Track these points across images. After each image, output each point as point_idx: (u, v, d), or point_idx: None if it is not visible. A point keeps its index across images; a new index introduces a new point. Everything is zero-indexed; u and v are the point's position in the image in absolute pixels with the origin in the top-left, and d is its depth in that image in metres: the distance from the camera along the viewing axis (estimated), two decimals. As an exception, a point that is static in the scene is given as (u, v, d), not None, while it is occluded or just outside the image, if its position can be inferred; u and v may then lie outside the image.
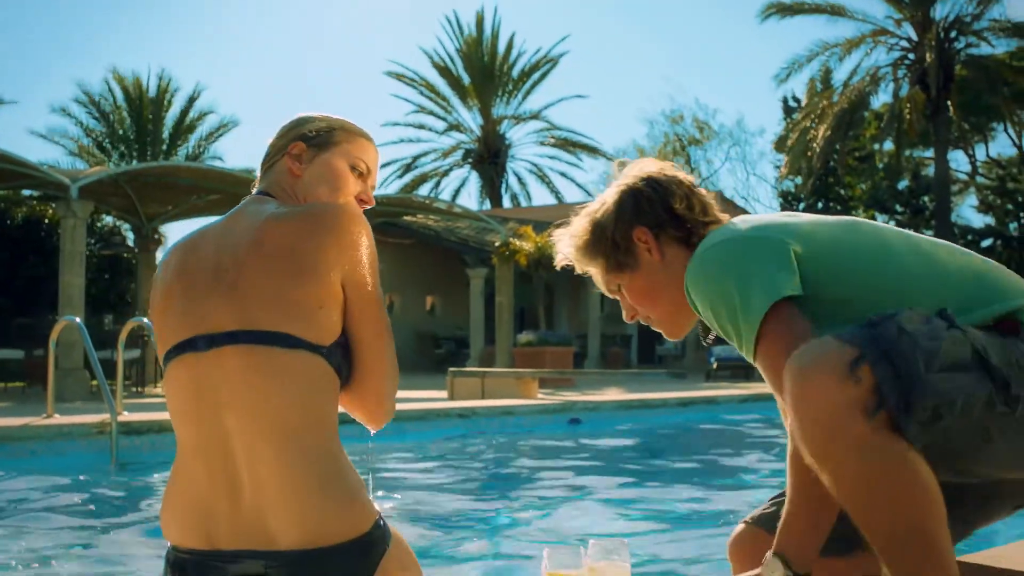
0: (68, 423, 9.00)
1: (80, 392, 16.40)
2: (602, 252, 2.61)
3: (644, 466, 8.98)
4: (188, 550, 2.34)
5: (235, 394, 2.27)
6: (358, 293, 2.34)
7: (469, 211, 28.57)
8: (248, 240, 2.34)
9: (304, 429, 2.27)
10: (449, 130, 48.76)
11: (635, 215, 2.57)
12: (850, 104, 34.75)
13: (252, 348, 2.26)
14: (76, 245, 17.20)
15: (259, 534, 2.25)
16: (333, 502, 2.25)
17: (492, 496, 7.28)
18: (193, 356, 2.32)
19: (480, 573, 4.72)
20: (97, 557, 4.94)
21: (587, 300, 30.80)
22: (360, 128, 2.65)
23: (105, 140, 34.48)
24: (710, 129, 57.53)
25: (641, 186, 2.60)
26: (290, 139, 2.56)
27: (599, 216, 2.64)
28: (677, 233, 2.56)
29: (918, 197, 41.50)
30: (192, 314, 2.34)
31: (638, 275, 2.58)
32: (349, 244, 2.32)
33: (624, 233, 2.57)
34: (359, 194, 2.59)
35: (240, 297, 2.29)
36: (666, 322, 2.63)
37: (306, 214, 2.37)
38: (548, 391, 16.90)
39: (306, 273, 2.28)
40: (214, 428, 2.30)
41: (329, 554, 2.23)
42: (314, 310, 2.28)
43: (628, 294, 2.62)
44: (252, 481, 2.25)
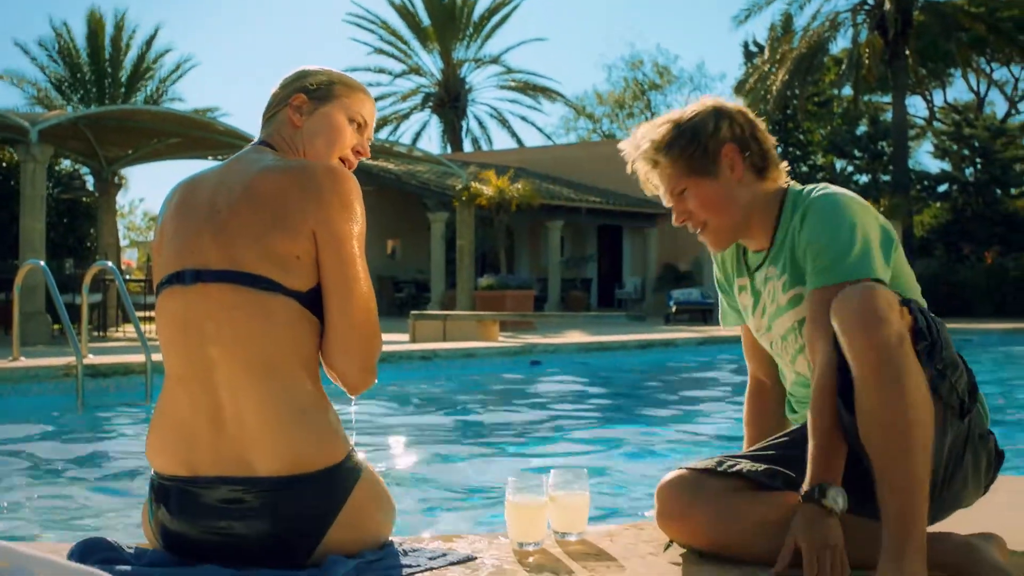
0: (34, 366, 9.08)
1: (42, 336, 16.39)
2: (687, 154, 2.78)
3: (603, 405, 9.16)
4: (171, 477, 2.49)
5: (219, 329, 2.43)
6: (334, 251, 2.46)
7: (430, 155, 28.57)
8: (242, 185, 2.49)
9: (283, 366, 2.42)
10: (409, 73, 48.51)
11: (729, 132, 2.79)
12: (809, 49, 34.84)
13: (236, 288, 2.42)
14: (36, 189, 17.12)
15: (238, 462, 2.40)
16: (308, 434, 2.41)
17: (456, 434, 7.45)
18: (180, 288, 2.48)
19: (446, 504, 4.89)
20: (66, 495, 5.05)
21: (547, 244, 30.93)
22: (359, 83, 2.78)
23: (65, 84, 34.09)
24: (670, 74, 57.52)
25: (733, 111, 2.84)
26: (292, 91, 2.69)
27: (690, 121, 2.80)
28: (757, 161, 2.81)
29: (876, 142, 41.66)
30: (183, 248, 2.50)
31: (712, 185, 2.79)
32: (331, 203, 2.46)
33: (716, 143, 2.77)
34: (355, 146, 2.75)
35: (228, 238, 2.44)
36: (721, 232, 2.84)
37: (297, 170, 2.51)
38: (509, 334, 17.07)
39: (288, 225, 2.42)
40: (199, 360, 2.45)
41: (303, 481, 2.39)
42: (292, 259, 2.42)
43: (694, 199, 2.80)
44: (233, 412, 2.40)
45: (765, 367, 3.07)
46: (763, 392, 3.10)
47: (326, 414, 2.47)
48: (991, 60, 43.16)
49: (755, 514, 2.59)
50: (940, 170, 42.87)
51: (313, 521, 2.43)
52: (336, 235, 2.46)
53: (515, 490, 2.77)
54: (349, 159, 2.75)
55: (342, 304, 2.46)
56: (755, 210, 2.82)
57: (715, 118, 2.79)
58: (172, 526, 2.50)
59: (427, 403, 9.40)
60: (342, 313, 2.46)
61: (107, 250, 21.23)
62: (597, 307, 33.99)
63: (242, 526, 2.42)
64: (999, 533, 2.63)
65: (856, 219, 2.61)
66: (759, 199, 2.81)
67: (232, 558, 2.43)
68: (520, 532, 2.74)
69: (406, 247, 34.51)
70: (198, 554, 2.47)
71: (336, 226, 2.46)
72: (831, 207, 2.65)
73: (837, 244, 2.58)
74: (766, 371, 3.08)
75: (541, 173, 32.64)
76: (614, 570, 2.56)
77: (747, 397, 3.14)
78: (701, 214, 2.81)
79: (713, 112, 2.81)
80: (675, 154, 2.79)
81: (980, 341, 17.99)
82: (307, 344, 2.46)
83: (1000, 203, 38.92)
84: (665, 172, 2.83)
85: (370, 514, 2.55)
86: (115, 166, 22.11)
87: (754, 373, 3.12)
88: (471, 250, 24.36)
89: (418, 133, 51.23)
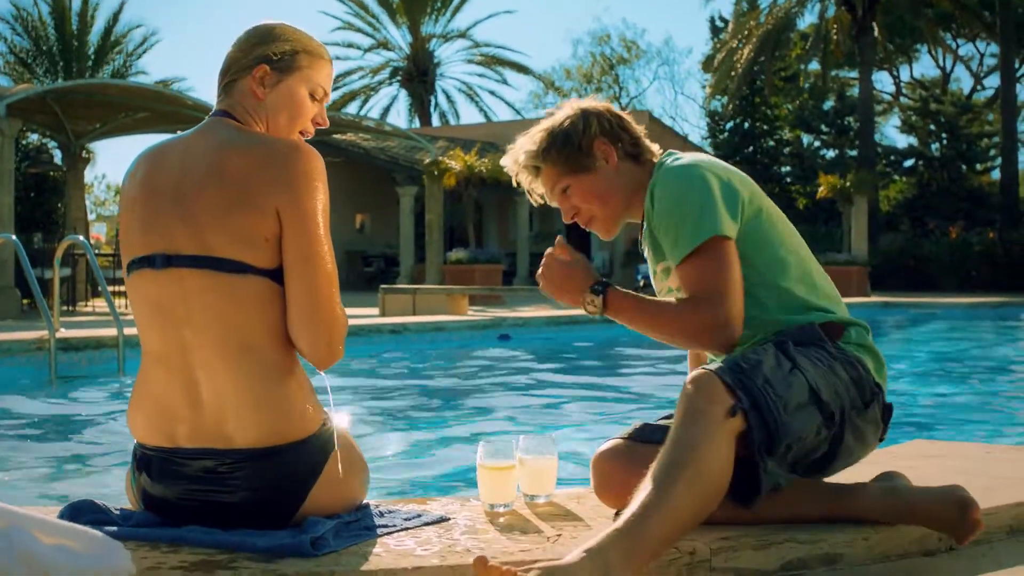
0: (6, 339, 9.14)
1: (11, 310, 16.39)
2: (563, 155, 2.97)
3: (571, 376, 9.29)
4: (153, 447, 2.59)
5: (192, 312, 2.50)
6: (299, 230, 2.50)
7: (399, 129, 28.56)
8: (207, 164, 2.53)
9: (256, 344, 2.50)
10: (377, 47, 48.34)
11: (598, 128, 2.98)
12: (776, 24, 34.97)
13: (206, 272, 2.48)
14: (4, 163, 17.07)
15: (217, 435, 2.50)
16: (283, 407, 2.51)
17: (427, 404, 7.57)
18: (151, 272, 2.54)
19: (419, 469, 5.03)
20: (42, 464, 5.15)
21: (516, 219, 30.97)
22: (319, 47, 2.75)
23: (30, 57, 33.79)
24: (638, 48, 57.58)
25: (600, 109, 3.04)
26: (254, 59, 2.66)
27: (562, 127, 2.99)
28: (630, 149, 3.01)
29: (843, 117, 41.95)
30: (152, 231, 2.55)
31: (591, 179, 2.98)
32: (296, 182, 2.49)
33: (588, 141, 2.96)
34: (315, 117, 2.76)
35: (197, 223, 2.49)
36: (608, 220, 3.04)
37: (262, 148, 2.54)
38: (478, 308, 17.18)
39: (254, 205, 2.47)
40: (174, 341, 2.54)
41: (280, 452, 2.50)
42: (260, 240, 2.48)
43: (576, 194, 3.00)
44: (209, 389, 2.50)
45: None
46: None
47: (300, 386, 2.56)
48: (957, 36, 43.46)
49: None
50: (907, 145, 43.24)
51: (292, 487, 2.53)
52: (301, 214, 2.49)
53: (486, 454, 2.88)
54: (308, 130, 2.76)
55: (307, 283, 2.50)
56: (636, 195, 3.00)
57: (583, 118, 2.99)
58: (153, 491, 2.59)
59: (398, 375, 9.50)
60: (307, 292, 2.50)
61: (75, 224, 21.17)
62: (566, 281, 34.05)
63: (222, 493, 2.52)
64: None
65: (694, 184, 2.79)
66: (637, 184, 3.00)
67: (213, 520, 2.53)
68: (491, 494, 2.86)
69: (375, 221, 34.49)
70: (179, 516, 2.56)
71: (301, 205, 2.49)
72: (672, 179, 2.83)
73: (679, 215, 2.77)
74: None
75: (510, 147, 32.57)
76: (581, 529, 2.68)
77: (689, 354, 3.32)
78: (587, 208, 3.02)
79: (581, 114, 3.00)
80: (553, 157, 2.99)
81: (944, 315, 18.24)
82: (280, 320, 2.52)
83: (965, 178, 39.35)
84: (547, 175, 3.03)
85: (346, 479, 2.64)
86: (83, 140, 22.05)
87: None
88: (440, 224, 24.42)
89: (387, 107, 51.15)
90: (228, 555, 2.37)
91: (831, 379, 2.67)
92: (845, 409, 2.68)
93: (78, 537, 2.25)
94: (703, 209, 2.73)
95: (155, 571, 2.26)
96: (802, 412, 2.58)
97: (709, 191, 2.76)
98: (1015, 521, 2.91)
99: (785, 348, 2.68)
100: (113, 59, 35.10)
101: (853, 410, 2.71)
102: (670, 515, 2.32)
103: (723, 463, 2.42)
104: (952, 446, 4.21)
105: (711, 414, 2.43)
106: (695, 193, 2.76)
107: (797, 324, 2.81)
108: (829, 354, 2.75)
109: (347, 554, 2.38)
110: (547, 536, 2.59)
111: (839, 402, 2.67)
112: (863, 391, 2.76)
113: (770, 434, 2.49)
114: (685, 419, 2.44)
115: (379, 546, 2.46)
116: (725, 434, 2.43)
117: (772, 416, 2.49)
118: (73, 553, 2.20)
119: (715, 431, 2.41)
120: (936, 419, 6.67)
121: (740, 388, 2.48)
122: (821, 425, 2.62)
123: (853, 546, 2.63)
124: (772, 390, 2.52)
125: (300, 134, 2.74)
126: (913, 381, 8.86)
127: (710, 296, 2.69)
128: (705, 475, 2.38)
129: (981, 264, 29.19)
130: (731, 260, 2.73)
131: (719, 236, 2.71)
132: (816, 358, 2.70)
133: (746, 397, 2.48)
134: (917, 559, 2.69)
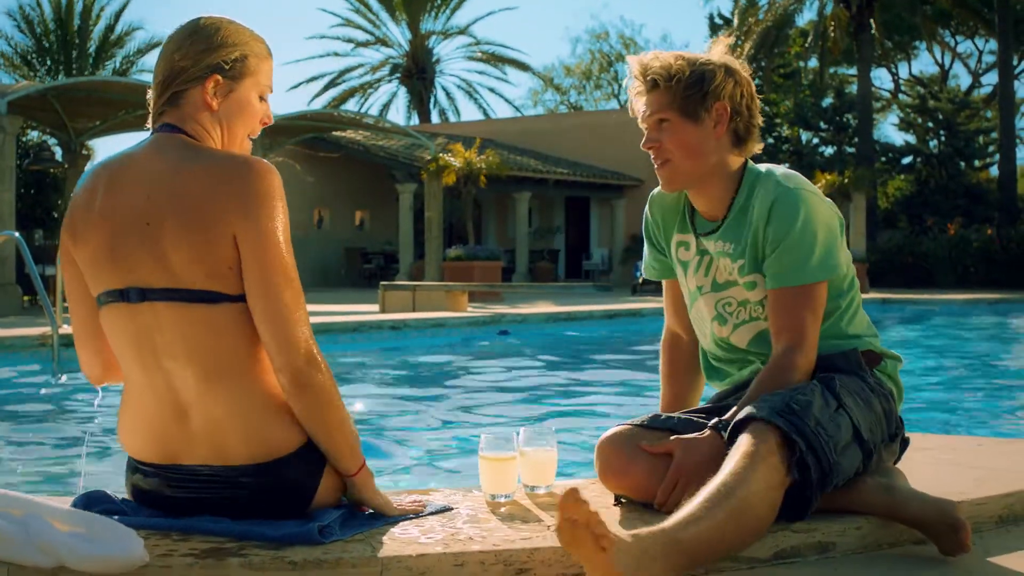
0: (10, 335, 9.21)
1: (13, 307, 16.45)
2: (687, 92, 2.91)
3: (570, 371, 9.35)
4: (147, 464, 2.63)
5: (171, 343, 2.51)
6: (258, 255, 2.44)
7: (398, 126, 28.64)
8: (168, 192, 2.48)
9: (238, 366, 2.52)
10: (376, 44, 48.35)
11: (730, 91, 2.93)
12: (775, 22, 35.04)
13: (181, 304, 2.48)
14: (5, 160, 17.13)
15: (213, 452, 2.53)
16: (276, 421, 2.53)
17: (428, 399, 7.62)
18: (126, 307, 2.53)
19: (422, 460, 5.10)
20: (48, 457, 5.22)
21: (515, 216, 31.05)
22: (263, 46, 2.68)
23: (31, 55, 33.82)
24: (636, 45, 57.59)
25: (742, 76, 2.98)
26: (204, 68, 2.57)
27: (703, 66, 2.93)
28: (741, 130, 2.98)
29: (841, 115, 41.97)
30: (122, 264, 2.51)
31: (692, 130, 2.93)
32: (251, 207, 2.44)
33: (716, 95, 2.91)
34: (263, 118, 2.70)
35: (164, 255, 2.46)
36: (679, 173, 2.98)
37: (216, 171, 2.48)
38: (477, 304, 17.22)
39: (215, 234, 2.43)
40: (156, 370, 2.55)
41: (275, 465, 2.54)
42: (225, 269, 2.46)
43: (672, 135, 2.93)
44: (199, 411, 2.52)
45: (684, 322, 3.27)
46: (679, 344, 3.30)
47: (283, 402, 2.55)
48: (956, 33, 43.53)
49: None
50: (905, 142, 43.27)
51: (295, 494, 2.57)
52: (259, 236, 2.45)
53: (487, 446, 2.94)
54: (255, 131, 2.71)
55: (272, 305, 2.46)
56: (717, 173, 2.98)
57: (725, 74, 2.93)
58: (146, 486, 2.64)
59: (398, 370, 9.57)
60: (273, 315, 2.46)
61: (76, 221, 21.17)
62: (564, 278, 34.16)
63: (225, 497, 2.57)
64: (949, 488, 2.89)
65: (819, 220, 2.86)
66: (724, 165, 2.98)
67: (215, 510, 2.58)
68: (492, 485, 2.92)
69: (374, 218, 34.54)
70: (174, 507, 2.61)
71: (259, 227, 2.45)
72: (796, 204, 2.86)
73: (802, 247, 2.83)
74: (684, 326, 3.28)
75: (509, 144, 32.67)
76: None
77: (663, 348, 3.34)
78: (670, 149, 2.94)
79: (725, 68, 2.94)
80: (677, 87, 2.90)
81: (942, 311, 18.31)
82: (257, 342, 2.51)
83: (963, 175, 39.39)
84: (658, 98, 2.94)
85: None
86: (83, 137, 22.08)
87: (671, 327, 3.32)
88: (439, 221, 24.46)
89: (386, 104, 51.20)
90: (237, 543, 2.43)
91: (868, 416, 2.77)
92: (877, 444, 2.79)
93: (92, 525, 2.32)
94: (830, 251, 2.86)
95: (167, 558, 2.33)
96: (848, 451, 2.67)
97: (838, 234, 2.90)
98: (1004, 511, 2.98)
99: (831, 386, 2.76)
100: (113, 56, 35.10)
101: (882, 443, 2.83)
102: (711, 533, 2.37)
103: (771, 507, 2.50)
104: (944, 439, 4.27)
105: (769, 462, 2.50)
106: (829, 233, 2.87)
107: (840, 350, 2.92)
108: (867, 385, 2.85)
109: (353, 542, 2.45)
110: (547, 525, 2.65)
111: (874, 439, 2.77)
112: (890, 424, 2.89)
113: (824, 474, 2.58)
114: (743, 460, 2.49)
115: (384, 535, 2.53)
116: (780, 481, 2.52)
117: (827, 458, 2.58)
118: (88, 540, 2.27)
119: (771, 475, 2.49)
120: (932, 414, 6.74)
121: (795, 432, 2.55)
122: (861, 462, 2.73)
123: (845, 535, 2.70)
124: (824, 431, 2.60)
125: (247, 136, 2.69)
126: (910, 377, 8.91)
127: (803, 339, 2.82)
128: (751, 510, 2.44)
129: (979, 261, 29.23)
130: (821, 305, 2.87)
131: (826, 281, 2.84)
132: (856, 392, 2.79)
133: (802, 440, 2.55)
134: (909, 547, 2.76)
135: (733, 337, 3.06)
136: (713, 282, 3.07)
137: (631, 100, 3.05)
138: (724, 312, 3.07)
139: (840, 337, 2.96)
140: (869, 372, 2.91)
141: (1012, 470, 3.37)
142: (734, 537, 2.42)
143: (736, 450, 2.52)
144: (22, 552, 2.26)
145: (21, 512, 2.32)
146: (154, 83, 2.62)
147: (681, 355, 3.28)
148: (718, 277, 3.06)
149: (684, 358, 3.28)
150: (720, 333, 3.09)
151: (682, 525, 2.34)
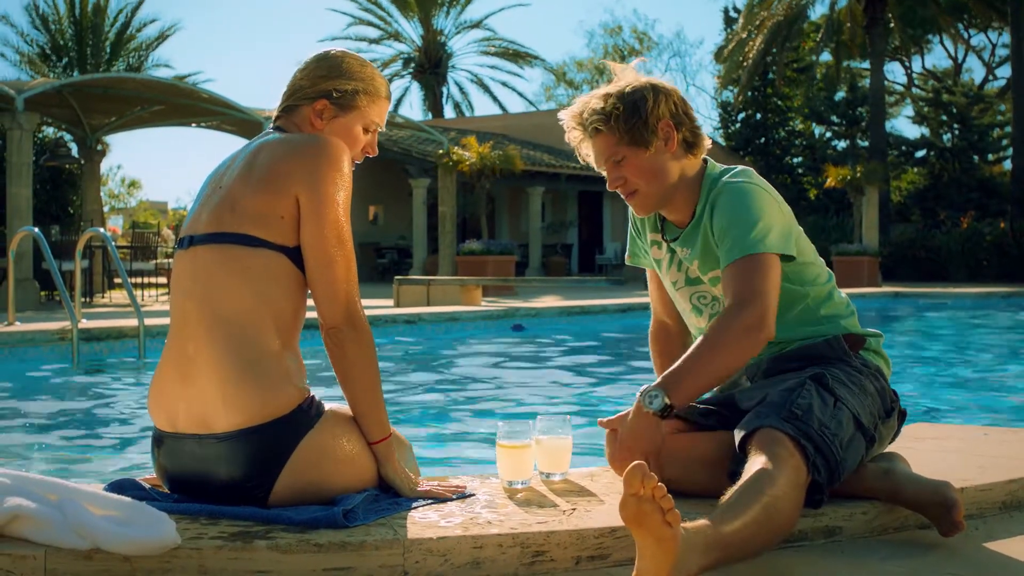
0: (30, 330, 9.32)
1: (30, 302, 16.57)
2: (629, 125, 3.02)
3: (584, 364, 9.42)
4: (162, 432, 2.77)
5: (196, 284, 2.70)
6: (315, 215, 2.65)
7: (411, 121, 28.66)
8: (249, 160, 2.74)
9: (246, 317, 2.65)
10: (389, 39, 48.35)
11: (666, 108, 3.05)
12: (787, 15, 35.00)
13: (218, 247, 2.67)
14: (23, 157, 17.26)
15: (201, 419, 2.65)
16: (256, 387, 2.62)
17: (444, 390, 7.70)
18: (179, 252, 2.78)
19: (441, 449, 5.20)
20: (67, 448, 5.31)
21: (528, 210, 31.09)
22: (380, 86, 2.94)
23: (47, 52, 33.92)
24: (650, 39, 57.56)
25: (669, 89, 3.10)
26: (317, 91, 2.84)
27: (632, 95, 3.04)
28: (689, 138, 3.10)
29: (854, 108, 41.89)
30: (191, 220, 2.79)
31: (647, 156, 3.05)
32: (317, 166, 2.66)
33: (655, 118, 3.03)
34: (365, 147, 2.94)
35: (218, 205, 2.71)
36: (648, 198, 3.11)
37: (290, 141, 2.74)
38: (491, 299, 17.28)
39: (273, 188, 2.65)
40: (179, 313, 2.74)
41: (253, 432, 2.62)
42: (275, 218, 2.65)
43: (630, 167, 3.06)
44: (196, 366, 2.66)
45: (669, 309, 3.41)
46: (667, 332, 3.45)
47: (280, 364, 2.66)
48: (969, 26, 43.39)
49: (695, 451, 2.93)
50: (918, 136, 43.14)
51: (262, 467, 2.63)
52: (319, 197, 2.65)
53: (504, 434, 3.03)
54: (356, 158, 2.94)
55: (320, 261, 2.65)
56: (680, 184, 3.11)
57: (654, 93, 3.05)
58: (168, 466, 2.77)
59: (415, 363, 9.65)
60: (319, 274, 2.66)
61: (91, 217, 21.33)
62: (578, 272, 34.21)
63: (212, 471, 2.67)
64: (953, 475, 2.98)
65: (758, 203, 2.95)
66: (685, 174, 3.11)
67: (205, 496, 2.70)
68: (509, 472, 3.01)
69: (388, 213, 34.62)
70: (187, 489, 2.73)
71: (319, 189, 2.65)
72: (739, 195, 2.97)
73: (742, 224, 2.91)
74: (670, 313, 3.42)
75: (522, 139, 32.73)
76: (594, 503, 2.83)
77: (651, 336, 3.50)
78: (634, 181, 3.08)
79: (651, 88, 3.06)
80: (618, 125, 3.03)
81: (954, 304, 18.32)
82: (285, 299, 2.67)
83: (976, 169, 39.28)
84: (605, 141, 3.07)
85: (326, 458, 2.70)
86: (99, 133, 22.21)
87: (659, 315, 3.47)
88: (453, 216, 24.53)
89: (399, 99, 51.11)
90: (264, 526, 2.53)
91: (864, 400, 2.87)
92: (877, 425, 2.90)
93: (125, 509, 2.41)
94: (773, 228, 2.92)
95: (197, 540, 2.42)
96: (853, 443, 2.78)
97: (787, 221, 2.99)
98: (1008, 497, 3.06)
99: (823, 382, 2.84)
100: (129, 54, 35.17)
101: (879, 420, 2.93)
102: (746, 531, 2.42)
103: (795, 506, 2.56)
104: (952, 428, 4.35)
105: (791, 463, 2.57)
106: (772, 215, 2.95)
107: (823, 338, 3.00)
108: (856, 369, 2.94)
109: (376, 525, 2.54)
110: (563, 510, 2.74)
111: (873, 420, 2.88)
112: (885, 400, 2.98)
113: (832, 471, 2.67)
114: (768, 463, 2.55)
115: (406, 519, 2.62)
116: (804, 481, 2.59)
117: (834, 457, 2.67)
118: (122, 523, 2.36)
119: (796, 476, 2.56)
120: (942, 405, 6.81)
121: (804, 437, 2.63)
122: (865, 448, 2.84)
123: (852, 520, 2.79)
124: (828, 430, 2.69)
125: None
126: (922, 369, 8.98)
127: (752, 296, 2.82)
128: (779, 515, 2.50)
129: (992, 254, 29.18)
130: (775, 272, 2.89)
131: (771, 254, 2.89)
132: (848, 382, 2.88)
133: (810, 444, 2.63)
134: (914, 531, 2.84)
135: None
136: (686, 278, 3.21)
137: (576, 149, 3.18)
138: (700, 304, 3.21)
139: (816, 323, 3.06)
140: (855, 355, 3.01)
141: (1016, 457, 3.45)
142: (765, 536, 2.48)
143: (757, 455, 2.59)
144: (59, 535, 2.35)
145: (57, 497, 2.42)
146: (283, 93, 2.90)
147: (670, 342, 3.41)
148: (690, 273, 3.19)
149: (673, 345, 3.40)
150: (699, 324, 3.23)
151: (725, 521, 2.40)
